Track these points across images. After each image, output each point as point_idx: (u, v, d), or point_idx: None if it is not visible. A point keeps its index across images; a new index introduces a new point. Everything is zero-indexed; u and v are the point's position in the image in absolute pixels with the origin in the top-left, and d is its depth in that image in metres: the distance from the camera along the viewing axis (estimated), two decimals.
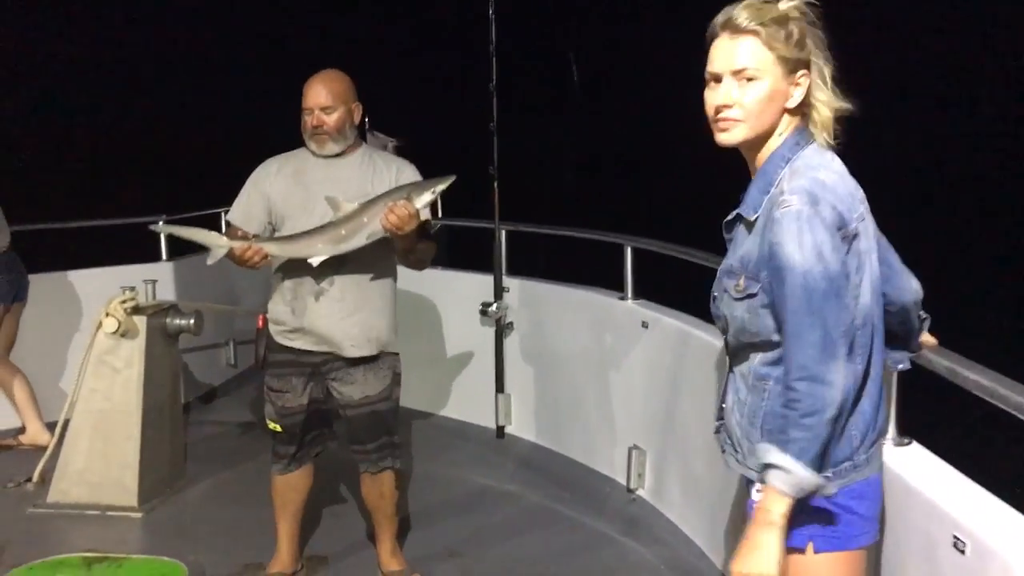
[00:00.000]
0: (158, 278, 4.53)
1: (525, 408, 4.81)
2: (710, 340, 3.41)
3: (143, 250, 5.57)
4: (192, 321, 4.25)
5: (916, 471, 2.07)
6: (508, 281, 4.76)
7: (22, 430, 4.85)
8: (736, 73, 1.78)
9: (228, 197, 3.24)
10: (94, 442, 4.03)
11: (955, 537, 1.81)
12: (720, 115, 1.81)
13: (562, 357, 4.55)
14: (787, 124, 1.83)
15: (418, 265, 3.22)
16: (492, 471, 4.47)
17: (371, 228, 2.87)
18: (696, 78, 1.89)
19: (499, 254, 4.75)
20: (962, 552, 1.80)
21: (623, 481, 4.06)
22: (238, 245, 2.91)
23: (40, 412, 4.82)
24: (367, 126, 9.11)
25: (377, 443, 3.21)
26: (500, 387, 4.81)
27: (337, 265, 3.02)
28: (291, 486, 3.32)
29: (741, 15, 1.77)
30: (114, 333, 3.98)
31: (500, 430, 4.86)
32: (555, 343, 4.60)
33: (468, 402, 5.07)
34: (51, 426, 4.60)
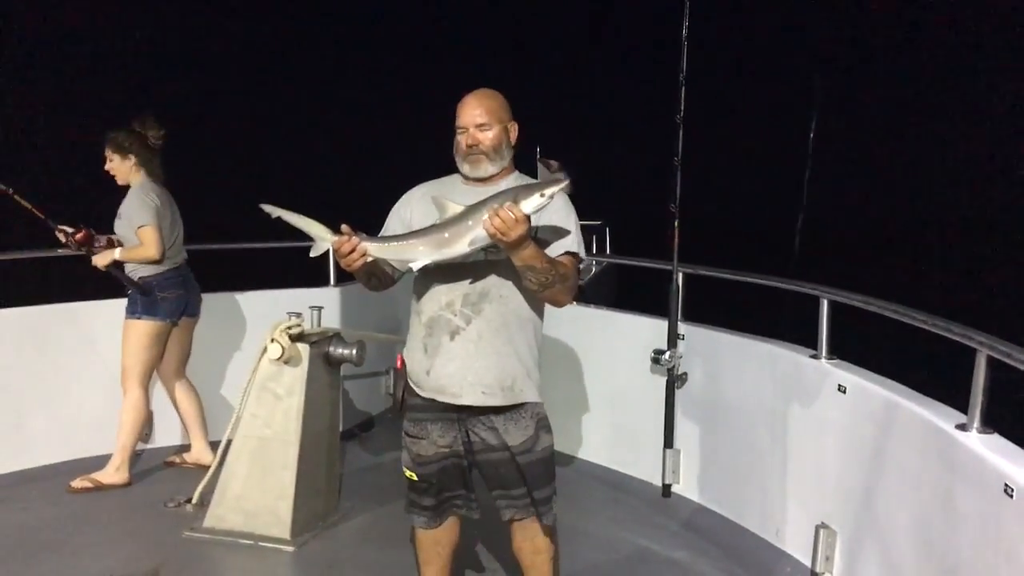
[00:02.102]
0: (324, 304, 4.47)
1: (695, 467, 4.44)
2: (922, 413, 2.97)
3: (312, 273, 5.59)
4: (355, 351, 4.16)
5: None
6: (684, 328, 4.41)
7: (188, 447, 4.91)
8: None
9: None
10: (252, 469, 3.97)
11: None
12: None
13: (741, 415, 4.15)
14: None
15: (548, 293, 2.75)
16: (656, 533, 4.11)
17: (475, 232, 2.58)
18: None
19: (676, 298, 4.41)
20: None
21: (806, 562, 3.62)
22: (339, 239, 2.69)
23: (206, 432, 4.86)
24: (537, 154, 9.02)
25: (519, 491, 2.88)
26: (669, 442, 4.46)
27: (476, 301, 2.77)
28: (435, 540, 3.05)
29: None
30: (278, 359, 3.92)
31: (666, 488, 4.50)
32: (734, 399, 4.21)
33: (632, 454, 4.74)
34: (214, 445, 4.64)
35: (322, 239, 2.75)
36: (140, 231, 4.44)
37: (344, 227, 2.71)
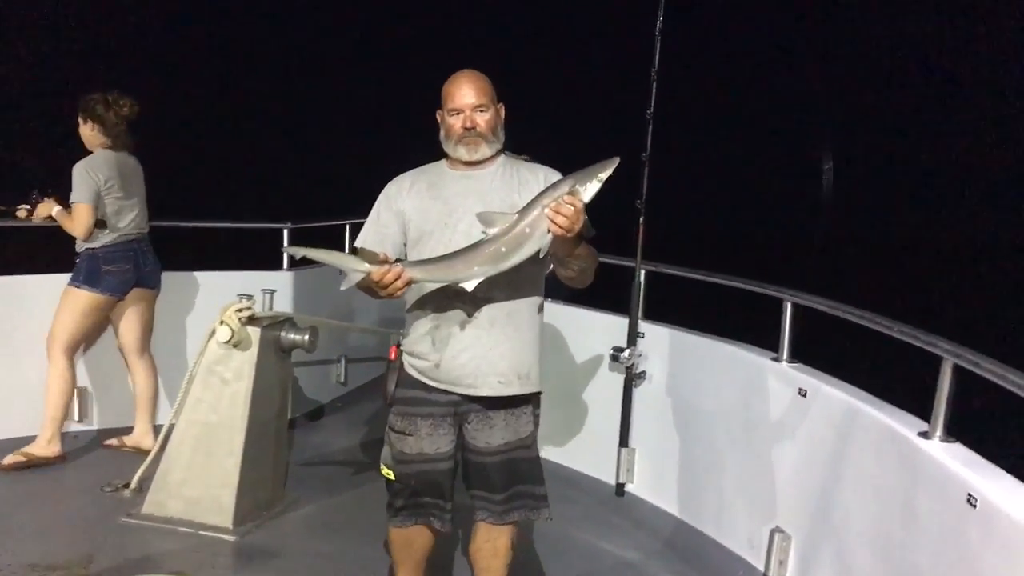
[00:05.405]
0: (277, 287, 4.33)
1: (649, 467, 4.39)
2: (884, 419, 2.94)
3: (265, 256, 5.44)
4: (307, 337, 4.03)
5: None
6: (644, 326, 4.36)
7: (128, 430, 4.73)
8: None
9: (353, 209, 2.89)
10: (195, 455, 3.83)
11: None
12: None
13: (698, 416, 4.11)
14: None
15: (582, 277, 2.72)
16: (609, 533, 4.05)
17: (535, 237, 2.44)
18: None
19: (637, 296, 4.35)
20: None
21: (759, 566, 3.59)
22: (379, 269, 2.50)
23: (154, 415, 4.70)
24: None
25: (507, 493, 2.79)
26: (624, 441, 4.40)
27: (486, 287, 2.60)
28: (407, 540, 2.92)
29: None
30: (227, 343, 3.78)
31: (619, 487, 4.45)
32: (691, 400, 4.17)
33: (586, 452, 4.68)
34: (157, 429, 4.48)
35: (355, 271, 2.54)
36: (73, 205, 4.33)
37: (383, 255, 2.57)
